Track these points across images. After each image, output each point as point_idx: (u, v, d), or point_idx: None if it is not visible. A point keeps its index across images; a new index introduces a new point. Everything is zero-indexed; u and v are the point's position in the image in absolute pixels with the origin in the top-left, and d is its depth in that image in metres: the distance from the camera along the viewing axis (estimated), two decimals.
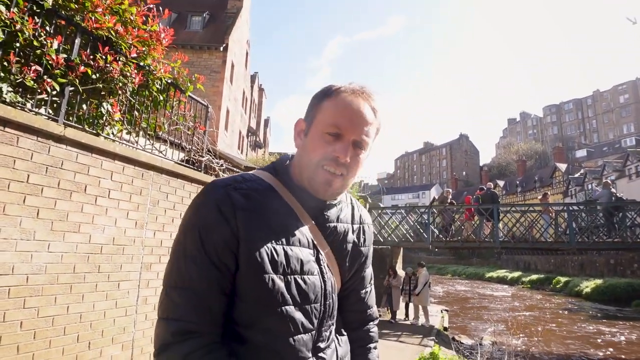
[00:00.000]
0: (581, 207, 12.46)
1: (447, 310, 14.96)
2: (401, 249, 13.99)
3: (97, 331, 2.96)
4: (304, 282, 0.83)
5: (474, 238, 12.05)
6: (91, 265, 2.91)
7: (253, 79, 29.13)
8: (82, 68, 2.86)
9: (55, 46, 2.71)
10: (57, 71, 2.72)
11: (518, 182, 50.11)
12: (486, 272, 34.39)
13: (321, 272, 0.87)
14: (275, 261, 0.79)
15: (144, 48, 3.57)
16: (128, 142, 3.59)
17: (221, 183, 0.83)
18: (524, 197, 46.26)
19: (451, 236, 12.56)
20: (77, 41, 2.93)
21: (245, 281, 0.79)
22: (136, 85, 3.40)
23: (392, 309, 10.79)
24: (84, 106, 3.13)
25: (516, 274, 30.38)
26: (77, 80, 2.87)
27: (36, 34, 2.63)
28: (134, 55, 3.36)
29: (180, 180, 3.95)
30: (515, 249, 25.47)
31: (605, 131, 65.77)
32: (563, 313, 16.41)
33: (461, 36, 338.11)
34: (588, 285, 20.89)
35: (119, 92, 3.30)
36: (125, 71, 3.26)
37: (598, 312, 16.39)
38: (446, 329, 11.42)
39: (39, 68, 2.60)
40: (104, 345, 3.01)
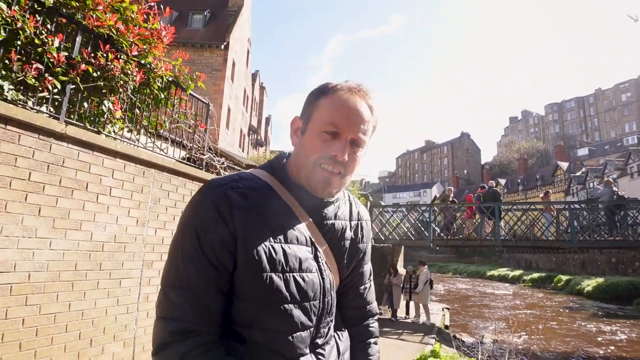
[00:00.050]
0: (583, 206, 12.40)
1: (448, 308, 14.94)
2: (402, 247, 13.96)
3: (99, 328, 2.97)
4: (303, 280, 0.83)
5: (475, 236, 12.03)
6: (93, 262, 2.92)
7: (254, 77, 29.12)
8: (83, 66, 2.86)
9: (56, 44, 2.71)
10: (58, 69, 2.72)
11: (519, 181, 50.03)
12: (487, 271, 34.30)
13: (319, 270, 0.87)
14: (273, 259, 0.79)
15: (145, 46, 3.57)
16: (129, 140, 3.60)
17: (218, 182, 0.83)
18: (526, 196, 46.22)
19: (452, 234, 12.56)
20: (78, 39, 2.93)
21: (243, 280, 0.79)
22: (137, 83, 3.40)
23: (393, 307, 10.79)
24: (85, 104, 3.14)
25: (517, 273, 30.29)
26: (78, 78, 2.87)
27: (37, 32, 2.63)
28: (135, 53, 3.36)
29: (181, 178, 3.95)
30: (516, 248, 25.40)
31: (607, 129, 65.53)
32: (564, 311, 16.37)
33: (461, 35, 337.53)
34: (589, 283, 20.83)
35: (120, 90, 3.30)
36: (126, 69, 3.26)
37: (599, 311, 16.36)
38: (447, 327, 11.41)
39: (40, 66, 2.60)
40: (106, 342, 3.03)
